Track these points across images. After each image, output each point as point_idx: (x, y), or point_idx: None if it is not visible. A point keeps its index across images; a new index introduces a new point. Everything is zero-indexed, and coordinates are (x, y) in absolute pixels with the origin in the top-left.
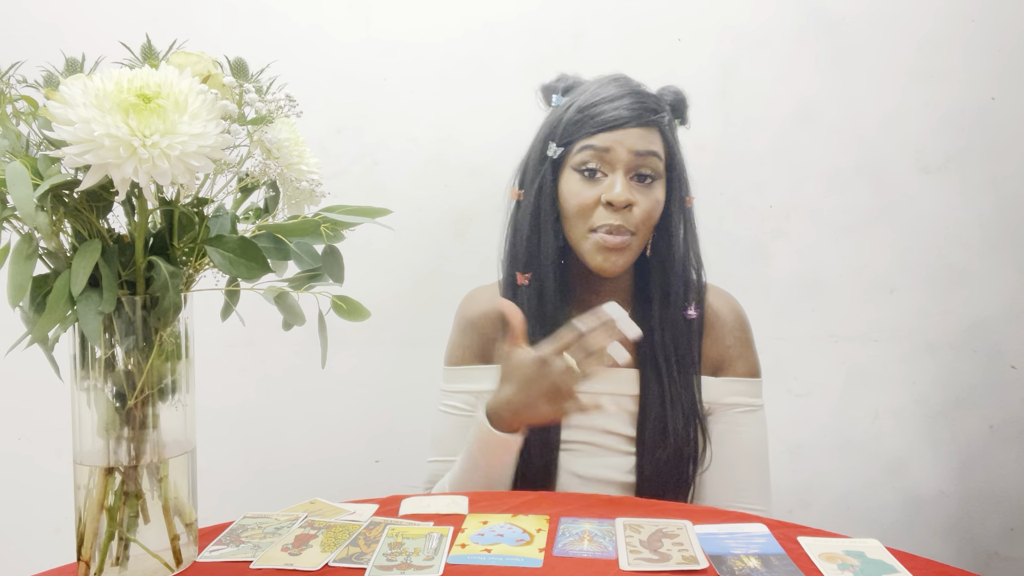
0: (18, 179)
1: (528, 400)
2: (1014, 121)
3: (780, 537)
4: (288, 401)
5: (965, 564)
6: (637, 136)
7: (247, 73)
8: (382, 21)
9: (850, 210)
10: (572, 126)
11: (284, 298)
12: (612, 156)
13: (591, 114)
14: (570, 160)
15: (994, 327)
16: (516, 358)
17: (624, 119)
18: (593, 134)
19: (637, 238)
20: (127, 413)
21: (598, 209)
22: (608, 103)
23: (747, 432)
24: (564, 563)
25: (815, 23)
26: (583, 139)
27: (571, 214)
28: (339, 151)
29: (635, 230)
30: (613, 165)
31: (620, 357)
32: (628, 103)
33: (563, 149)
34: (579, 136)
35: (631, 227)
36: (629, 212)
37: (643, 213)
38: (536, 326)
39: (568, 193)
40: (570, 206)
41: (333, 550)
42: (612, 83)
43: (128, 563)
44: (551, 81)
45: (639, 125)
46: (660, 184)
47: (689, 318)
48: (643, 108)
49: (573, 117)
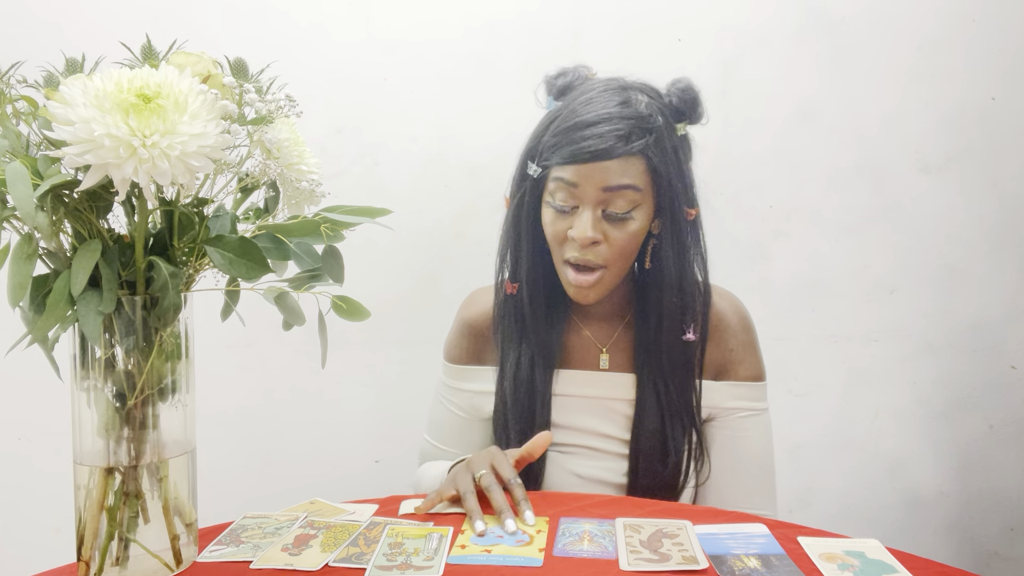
0: (18, 179)
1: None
2: (1014, 121)
3: (780, 537)
4: (288, 401)
5: (965, 564)
6: (611, 170)
7: (247, 73)
8: (382, 20)
9: (850, 210)
10: (548, 150)
11: (284, 298)
12: (580, 192)
13: (567, 140)
14: (547, 184)
15: (994, 327)
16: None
17: (596, 153)
18: (564, 164)
19: (609, 271)
20: (127, 413)
21: (568, 241)
22: (586, 129)
23: (752, 437)
24: (564, 563)
25: (815, 23)
26: (556, 167)
27: (549, 239)
28: (339, 151)
29: (606, 263)
30: (582, 200)
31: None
32: (605, 130)
33: (541, 170)
34: (554, 161)
35: (601, 261)
36: (597, 248)
37: (616, 247)
38: (528, 335)
39: (545, 220)
40: (547, 232)
41: (333, 550)
42: (600, 95)
43: (128, 563)
44: (551, 76)
45: (616, 156)
46: (641, 210)
47: (687, 341)
48: (620, 137)
49: (549, 141)
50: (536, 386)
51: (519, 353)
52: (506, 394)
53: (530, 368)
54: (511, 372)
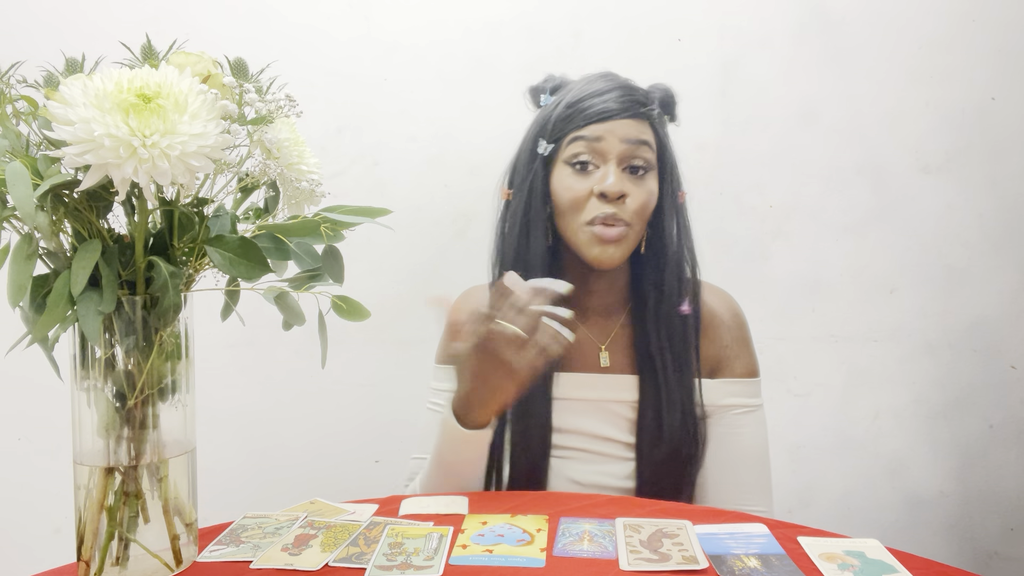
0: (18, 179)
1: (486, 383)
2: (1014, 121)
3: (780, 537)
4: (288, 401)
5: (965, 564)
6: (627, 126)
7: (247, 73)
8: (382, 20)
9: (850, 210)
10: (561, 122)
11: (284, 298)
12: (603, 146)
13: (580, 108)
14: (561, 155)
15: (994, 327)
16: (456, 348)
17: (613, 111)
18: (583, 126)
19: (632, 230)
20: (127, 413)
21: (591, 201)
22: (596, 97)
23: (747, 433)
24: (564, 563)
25: (815, 23)
26: (573, 131)
27: (565, 208)
28: (339, 151)
29: (630, 221)
30: (605, 156)
31: (564, 331)
32: (616, 95)
33: (553, 145)
34: (569, 130)
35: (626, 218)
36: (623, 203)
37: (637, 204)
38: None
39: (560, 187)
40: (563, 200)
41: (333, 550)
42: (600, 79)
43: (128, 563)
44: (538, 83)
45: (629, 116)
46: (653, 176)
47: (683, 314)
48: (631, 100)
49: (562, 113)
50: (534, 394)
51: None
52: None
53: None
54: None
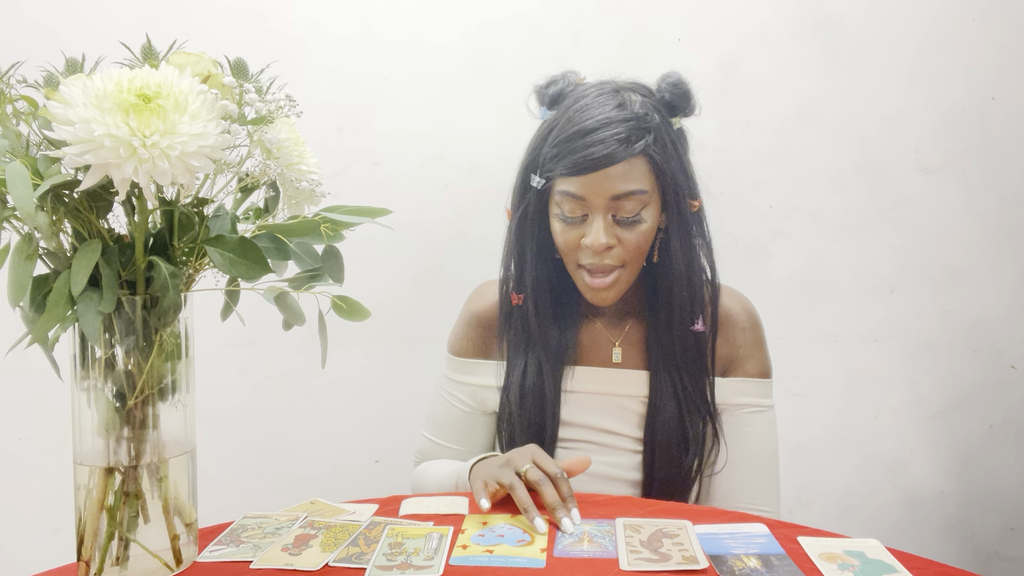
0: (18, 179)
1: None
2: (1014, 121)
3: (780, 537)
4: (288, 401)
5: (965, 564)
6: (616, 176)
7: (247, 73)
8: (382, 20)
9: (850, 210)
10: (550, 161)
11: (284, 298)
12: (589, 203)
13: (568, 150)
14: (553, 195)
15: (994, 327)
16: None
17: (599, 160)
18: (569, 176)
19: (626, 270)
20: (127, 413)
21: (582, 248)
22: (586, 136)
23: (756, 433)
24: (565, 563)
25: (815, 23)
26: (561, 179)
27: (560, 249)
28: (339, 151)
29: (623, 263)
30: (591, 209)
31: (538, 527)
32: (605, 136)
33: (544, 180)
34: (557, 172)
35: (618, 262)
36: (612, 250)
37: (630, 248)
38: (535, 345)
39: (554, 231)
40: (557, 241)
41: (333, 550)
42: (595, 101)
43: (128, 563)
44: (540, 86)
45: (618, 162)
46: (649, 210)
47: (697, 332)
48: (621, 140)
49: (550, 152)
50: (544, 390)
51: (525, 361)
52: (511, 401)
53: (537, 375)
54: (517, 380)
